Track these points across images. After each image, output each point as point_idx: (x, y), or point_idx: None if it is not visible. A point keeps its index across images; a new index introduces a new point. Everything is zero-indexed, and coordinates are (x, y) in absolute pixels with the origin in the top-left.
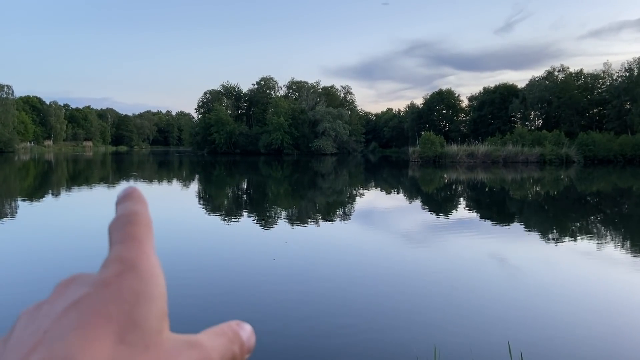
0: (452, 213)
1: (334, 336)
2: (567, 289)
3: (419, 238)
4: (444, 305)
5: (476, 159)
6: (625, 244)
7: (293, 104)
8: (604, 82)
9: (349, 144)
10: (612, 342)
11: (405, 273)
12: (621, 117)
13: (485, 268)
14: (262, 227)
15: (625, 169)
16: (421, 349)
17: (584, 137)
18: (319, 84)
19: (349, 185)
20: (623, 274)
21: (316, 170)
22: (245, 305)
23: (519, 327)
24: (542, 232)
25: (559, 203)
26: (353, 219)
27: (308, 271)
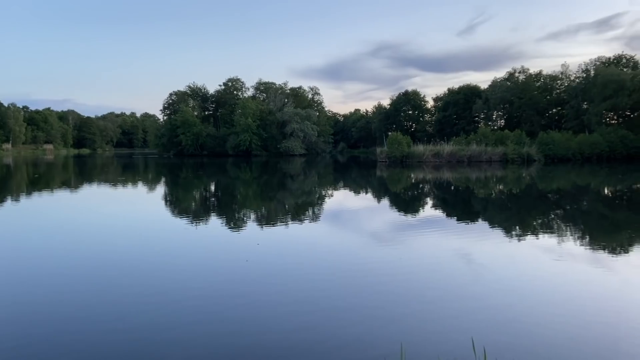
0: (420, 212)
1: (303, 335)
2: (530, 284)
3: (387, 237)
4: (411, 303)
5: (442, 158)
6: (584, 240)
7: (261, 105)
8: (562, 83)
9: (318, 144)
10: (573, 333)
11: (373, 272)
12: (579, 116)
13: (451, 265)
14: (233, 229)
15: (583, 167)
16: (388, 347)
17: (544, 136)
18: (286, 84)
19: (318, 186)
20: (582, 269)
21: (285, 171)
22: (219, 306)
23: (482, 322)
24: (505, 229)
25: (522, 201)
26: (323, 219)
27: (281, 271)
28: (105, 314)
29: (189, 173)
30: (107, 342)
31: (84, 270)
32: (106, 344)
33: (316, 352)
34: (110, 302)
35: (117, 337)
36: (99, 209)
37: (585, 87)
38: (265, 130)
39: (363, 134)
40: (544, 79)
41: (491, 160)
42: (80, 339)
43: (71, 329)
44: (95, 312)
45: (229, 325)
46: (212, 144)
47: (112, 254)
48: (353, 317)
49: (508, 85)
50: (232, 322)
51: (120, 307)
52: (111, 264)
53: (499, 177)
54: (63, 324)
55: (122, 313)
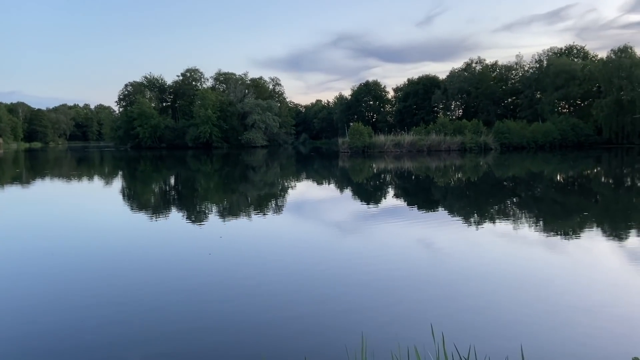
0: (382, 202)
1: (263, 326)
2: (489, 269)
3: (350, 227)
4: (372, 292)
5: (403, 148)
6: (538, 225)
7: (221, 96)
8: (516, 73)
9: (280, 135)
10: (531, 316)
11: (335, 262)
12: (532, 106)
13: (413, 254)
14: (195, 223)
15: (537, 155)
16: (349, 337)
17: (500, 125)
18: (247, 75)
19: (280, 177)
20: (537, 253)
21: (247, 163)
22: (180, 301)
23: (442, 309)
24: (464, 217)
25: (479, 188)
26: (286, 211)
27: (243, 264)
28: (59, 314)
29: (147, 166)
30: (65, 341)
31: (36, 270)
32: (63, 343)
33: (276, 343)
34: (65, 301)
35: (70, 335)
36: (51, 205)
37: (538, 77)
38: (225, 121)
39: (325, 125)
40: (499, 70)
41: (450, 149)
42: (34, 342)
43: (25, 332)
44: (47, 313)
45: (190, 319)
46: (171, 136)
47: (66, 251)
48: (314, 308)
49: (465, 75)
50: (193, 317)
51: (76, 307)
52: (65, 261)
53: (458, 165)
54: (15, 323)
55: (78, 313)
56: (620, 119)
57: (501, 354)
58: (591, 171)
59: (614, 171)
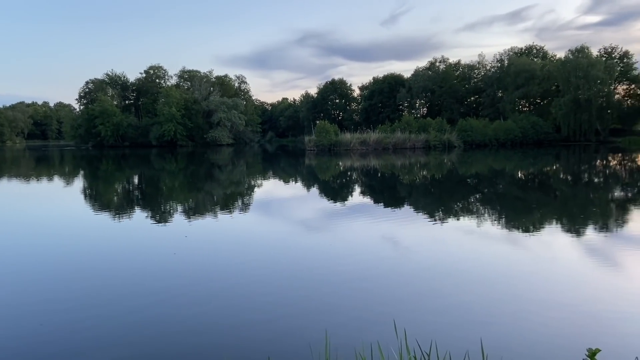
0: (349, 199)
1: (228, 327)
2: (450, 265)
3: (317, 225)
4: (337, 290)
5: (368, 146)
6: (501, 221)
7: (185, 94)
8: (479, 73)
9: (246, 134)
10: (488, 309)
11: (302, 260)
12: (494, 104)
13: (377, 251)
14: (159, 223)
15: (498, 152)
16: (314, 335)
17: (463, 123)
18: (212, 73)
19: (247, 175)
20: (498, 248)
21: (213, 161)
22: (145, 303)
23: (404, 305)
24: (429, 214)
25: (444, 185)
26: (252, 209)
27: (209, 264)
28: (16, 319)
29: (109, 165)
30: (22, 348)
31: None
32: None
33: (240, 344)
34: (23, 305)
35: (27, 341)
36: (7, 206)
37: (499, 76)
38: (190, 119)
39: (291, 123)
40: (462, 69)
41: (415, 147)
42: None
43: None
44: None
45: (151, 320)
46: (134, 135)
47: (24, 253)
48: (278, 307)
49: (429, 74)
50: (154, 318)
51: (34, 311)
52: (23, 264)
53: (423, 163)
54: None
55: (39, 315)
56: (577, 117)
57: (462, 348)
58: (550, 168)
59: (572, 168)
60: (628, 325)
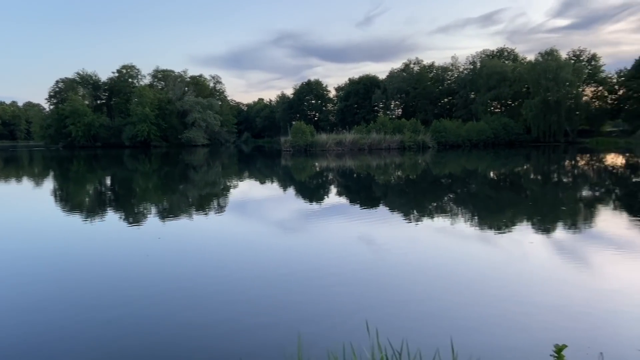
0: (324, 200)
1: (199, 328)
2: (423, 264)
3: (293, 226)
4: (310, 290)
5: (344, 146)
6: (473, 220)
7: (159, 94)
8: (452, 74)
9: (221, 134)
10: (460, 307)
11: (276, 261)
12: (467, 105)
13: (351, 250)
14: (132, 224)
15: (471, 153)
16: (286, 336)
17: (437, 124)
18: (186, 73)
19: (222, 176)
20: (471, 247)
21: (187, 162)
22: (118, 304)
23: (377, 304)
24: (404, 213)
25: (418, 185)
26: (228, 210)
27: (182, 266)
28: None
29: (80, 166)
30: None
31: None
32: None
33: (212, 345)
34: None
35: None
36: None
37: (472, 78)
38: (164, 120)
39: (267, 124)
40: (436, 70)
41: (390, 147)
42: None
43: None
44: None
45: (122, 321)
46: (106, 135)
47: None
48: (251, 309)
49: (404, 76)
50: (125, 318)
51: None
52: None
53: (398, 163)
54: None
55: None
56: (547, 119)
57: (432, 346)
58: (521, 168)
59: (542, 168)
60: (594, 321)
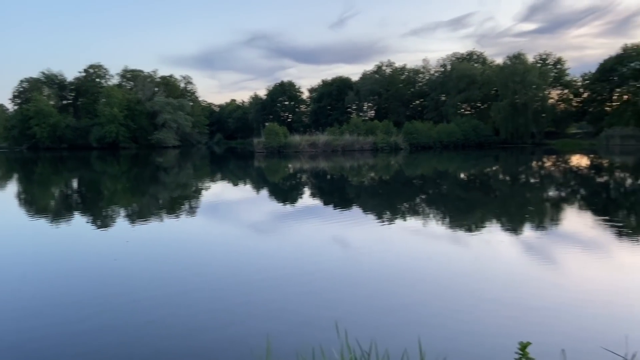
0: (298, 201)
1: (170, 334)
2: (393, 264)
3: (266, 228)
4: (279, 294)
5: (318, 148)
6: (444, 221)
7: (128, 94)
8: (423, 77)
9: (193, 135)
10: (428, 307)
11: (243, 265)
12: (438, 108)
13: (323, 252)
14: (100, 227)
15: (442, 154)
16: (255, 338)
17: (409, 126)
18: (156, 73)
19: (194, 178)
20: (441, 247)
21: (158, 164)
22: (85, 309)
23: (347, 306)
24: (377, 214)
25: (391, 186)
26: (200, 213)
27: (151, 270)
28: None
29: (45, 168)
30: None
31: None
32: None
33: (179, 350)
34: None
35: None
36: None
37: (443, 80)
38: (134, 121)
39: (240, 125)
40: (407, 73)
41: (363, 149)
42: None
43: None
44: None
45: (90, 324)
46: (73, 136)
47: None
48: (220, 312)
49: (376, 78)
50: (94, 327)
51: None
52: None
53: (371, 165)
54: None
55: None
56: (515, 121)
57: (401, 346)
58: (491, 169)
59: (510, 169)
60: (558, 318)
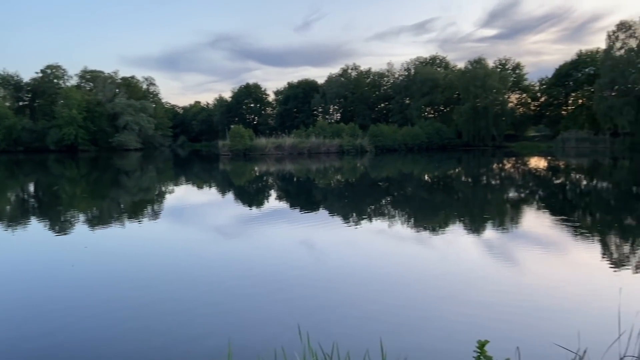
0: (265, 204)
1: (129, 339)
2: (358, 266)
3: (232, 232)
4: (241, 296)
5: (284, 150)
6: (409, 222)
7: (87, 96)
8: (388, 80)
9: (155, 138)
10: (389, 307)
11: (205, 269)
12: (402, 111)
13: (286, 255)
14: (57, 233)
15: (407, 157)
16: (216, 342)
17: (374, 129)
18: (117, 74)
19: (157, 182)
20: (405, 248)
21: (119, 167)
22: (41, 316)
23: (309, 308)
24: (343, 217)
25: (357, 189)
26: (162, 217)
27: (110, 276)
28: None
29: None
30: None
31: None
32: None
33: (140, 355)
34: None
35: None
36: None
37: (407, 84)
38: (93, 123)
39: (205, 127)
40: (373, 76)
41: (329, 151)
42: None
43: None
44: None
45: (48, 337)
46: (29, 139)
47: None
48: (180, 316)
49: (342, 81)
50: (50, 334)
51: None
52: None
53: (337, 167)
54: None
55: None
56: (476, 124)
57: (362, 348)
58: (454, 171)
59: (472, 171)
60: (515, 316)
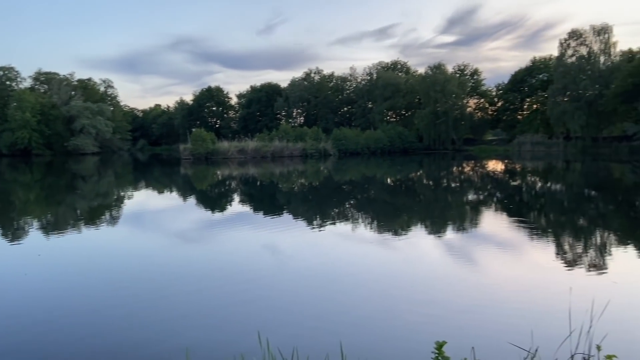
0: (227, 209)
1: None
2: (317, 269)
3: (193, 236)
4: (200, 303)
5: (247, 154)
6: (373, 225)
7: (42, 98)
8: (351, 84)
9: (114, 142)
10: (352, 309)
11: (165, 274)
12: (365, 115)
13: (250, 260)
14: (9, 240)
15: (370, 160)
16: (174, 348)
17: (337, 132)
18: (73, 76)
19: (115, 187)
20: (367, 251)
21: (75, 172)
22: None
23: (269, 314)
24: (306, 220)
25: (321, 192)
26: (121, 222)
27: (64, 283)
28: None
29: None
30: None
31: None
32: None
33: None
34: None
35: None
36: None
37: (369, 88)
38: (48, 126)
39: (165, 131)
40: (335, 80)
41: (292, 155)
42: None
43: None
44: None
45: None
46: None
47: None
48: (138, 323)
49: (305, 84)
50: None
51: None
52: None
53: (300, 171)
54: None
55: None
56: (437, 128)
57: (322, 351)
58: (415, 174)
59: (433, 174)
60: (471, 316)
